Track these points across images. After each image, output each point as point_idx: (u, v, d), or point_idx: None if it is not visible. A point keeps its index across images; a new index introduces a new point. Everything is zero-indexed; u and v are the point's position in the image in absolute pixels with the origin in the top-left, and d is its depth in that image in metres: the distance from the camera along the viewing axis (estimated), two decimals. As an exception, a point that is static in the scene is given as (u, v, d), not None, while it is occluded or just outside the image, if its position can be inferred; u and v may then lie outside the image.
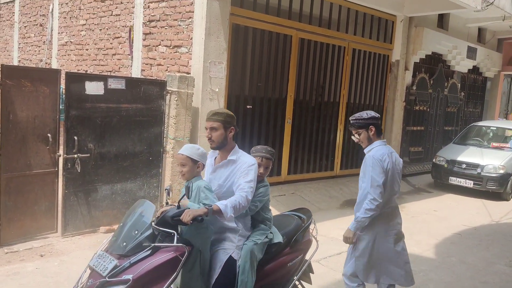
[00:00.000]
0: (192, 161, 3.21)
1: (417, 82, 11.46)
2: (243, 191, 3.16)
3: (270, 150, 3.62)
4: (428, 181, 11.34)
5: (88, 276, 2.83)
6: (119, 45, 8.77)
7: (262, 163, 3.51)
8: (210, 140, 3.33)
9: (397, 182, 3.93)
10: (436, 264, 5.87)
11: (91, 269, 2.85)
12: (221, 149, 3.38)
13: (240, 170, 3.26)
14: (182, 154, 3.23)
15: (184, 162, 3.21)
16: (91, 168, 5.89)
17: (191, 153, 3.21)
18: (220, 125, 3.30)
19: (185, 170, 3.22)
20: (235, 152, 3.38)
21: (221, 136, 3.31)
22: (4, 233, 5.31)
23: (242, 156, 3.36)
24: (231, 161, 3.34)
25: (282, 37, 8.31)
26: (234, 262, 3.23)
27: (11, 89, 5.24)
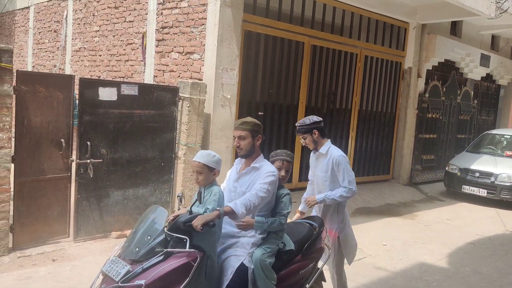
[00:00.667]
0: (208, 168, 3.22)
1: (429, 90, 11.38)
2: (254, 190, 3.21)
3: (289, 154, 3.70)
4: (441, 190, 11.23)
5: (101, 282, 2.83)
6: (132, 51, 8.84)
7: (283, 166, 3.58)
8: (239, 148, 3.42)
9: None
10: (450, 274, 5.79)
11: (103, 275, 2.85)
12: (248, 158, 3.46)
13: (259, 176, 3.33)
14: (199, 162, 3.22)
15: (200, 170, 3.21)
16: (103, 173, 5.91)
17: (208, 161, 3.22)
18: (248, 134, 3.39)
19: (201, 178, 3.23)
20: (259, 160, 3.45)
21: (249, 145, 3.40)
22: (17, 238, 5.34)
23: (265, 164, 3.43)
24: (254, 168, 3.42)
25: (294, 44, 8.32)
26: (245, 269, 3.22)
27: (26, 95, 5.28)
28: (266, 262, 3.30)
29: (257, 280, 3.27)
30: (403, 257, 6.28)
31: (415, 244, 6.93)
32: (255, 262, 3.28)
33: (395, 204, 9.54)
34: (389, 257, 6.22)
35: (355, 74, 9.66)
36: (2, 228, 5.11)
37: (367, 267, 5.79)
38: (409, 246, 6.78)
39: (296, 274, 3.64)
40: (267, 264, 3.30)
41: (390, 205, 9.41)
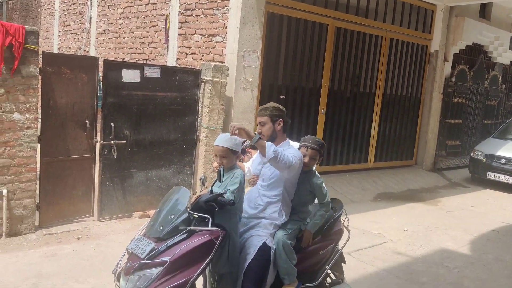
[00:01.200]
0: (232, 152, 3.25)
1: (456, 74, 11.11)
2: (289, 153, 3.25)
3: (317, 141, 3.57)
4: (465, 176, 11.04)
5: (127, 259, 2.90)
6: (155, 33, 8.87)
7: (307, 153, 3.50)
8: (261, 134, 3.43)
9: None
10: (472, 261, 5.72)
11: (129, 253, 2.92)
12: (273, 142, 3.44)
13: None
14: (223, 146, 3.23)
15: (224, 154, 3.23)
16: (127, 154, 6.00)
17: (231, 145, 3.24)
18: (268, 119, 3.43)
19: (225, 162, 3.26)
20: (284, 144, 3.46)
21: (269, 130, 3.43)
22: (43, 216, 5.49)
23: (289, 148, 3.43)
24: None
25: (318, 26, 8.20)
26: (268, 248, 3.27)
27: (52, 76, 5.37)
28: (288, 242, 3.35)
29: (278, 260, 3.32)
30: (424, 242, 6.23)
31: (437, 230, 6.86)
32: (276, 242, 3.33)
33: (418, 190, 9.43)
34: (410, 243, 6.18)
35: (380, 58, 9.50)
36: (28, 207, 5.26)
37: (387, 252, 5.77)
38: (431, 232, 6.72)
39: (316, 255, 3.67)
40: (288, 244, 3.35)
41: (412, 191, 9.31)
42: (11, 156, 5.08)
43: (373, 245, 5.95)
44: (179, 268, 2.82)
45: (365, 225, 6.64)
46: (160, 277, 2.75)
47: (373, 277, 4.97)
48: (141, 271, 2.79)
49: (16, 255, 4.74)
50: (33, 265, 4.53)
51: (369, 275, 5.03)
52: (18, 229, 5.21)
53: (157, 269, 2.77)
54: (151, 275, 2.76)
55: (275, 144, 3.44)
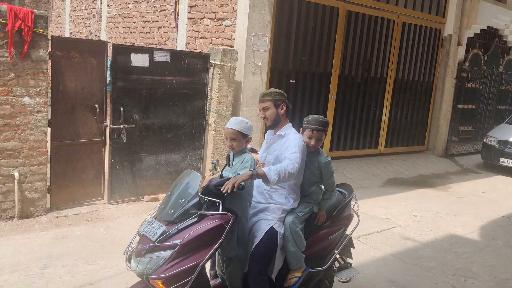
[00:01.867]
0: (242, 135, 3.25)
1: (470, 58, 10.93)
2: (289, 160, 3.21)
3: (321, 121, 3.50)
4: (477, 162, 10.93)
5: (138, 241, 2.94)
6: (165, 17, 8.84)
7: (313, 135, 3.47)
8: (265, 119, 3.49)
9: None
10: (481, 247, 5.70)
11: (140, 235, 2.95)
12: (276, 127, 3.51)
13: (286, 145, 3.35)
14: (233, 128, 3.24)
15: (234, 136, 3.24)
16: (136, 138, 6.04)
17: (242, 128, 3.24)
18: (271, 103, 3.45)
19: (235, 144, 3.26)
20: (286, 128, 3.48)
21: (273, 114, 3.46)
22: (54, 199, 5.57)
23: (290, 133, 3.45)
24: (279, 136, 3.46)
25: (328, 9, 8.11)
26: (275, 232, 3.28)
27: (61, 60, 5.41)
28: (297, 228, 3.35)
29: (286, 245, 3.34)
30: (434, 228, 6.21)
31: (447, 216, 6.83)
32: (286, 227, 3.34)
33: (429, 176, 9.37)
34: (418, 228, 6.16)
35: (392, 42, 9.38)
36: (40, 189, 5.34)
37: (395, 237, 5.76)
38: (440, 218, 6.69)
39: (325, 240, 3.68)
40: (297, 230, 3.35)
41: (423, 176, 9.25)
42: (22, 140, 5.15)
43: (381, 230, 5.95)
44: (189, 251, 2.84)
45: (374, 210, 6.63)
46: (171, 260, 2.77)
47: (380, 262, 4.98)
48: (152, 253, 2.82)
49: (27, 236, 4.83)
50: (44, 246, 4.61)
51: (377, 259, 5.03)
52: (30, 211, 5.30)
53: (168, 251, 2.80)
54: (161, 257, 2.79)
55: (278, 128, 3.47)
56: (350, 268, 4.04)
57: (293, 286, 3.42)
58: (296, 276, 3.43)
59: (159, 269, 2.75)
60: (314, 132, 3.48)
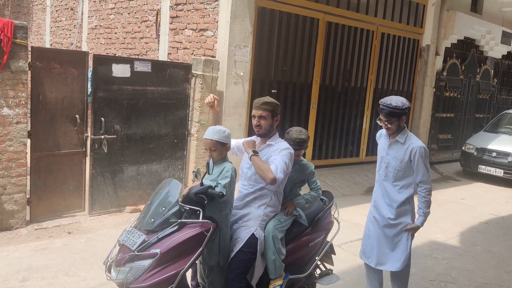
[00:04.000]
0: (221, 144, 3.26)
1: (448, 68, 11.18)
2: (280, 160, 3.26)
3: (303, 132, 3.69)
4: (457, 169, 11.12)
5: (118, 251, 2.93)
6: (147, 28, 8.86)
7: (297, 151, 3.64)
8: (259, 127, 3.44)
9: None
10: (460, 252, 5.79)
11: (120, 244, 2.95)
12: (265, 137, 3.50)
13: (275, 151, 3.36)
14: (211, 139, 3.25)
15: (213, 147, 3.25)
16: (117, 149, 6.02)
17: (220, 137, 3.26)
18: (269, 114, 3.42)
19: (214, 155, 3.27)
20: (274, 138, 3.50)
21: (268, 125, 3.44)
22: (34, 210, 5.50)
23: (279, 142, 3.47)
24: (269, 145, 3.46)
25: (309, 20, 8.22)
26: (255, 240, 3.28)
27: (41, 71, 5.38)
28: (278, 236, 3.37)
29: (266, 252, 3.35)
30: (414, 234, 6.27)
31: (427, 222, 6.73)
32: (267, 234, 3.35)
33: (409, 183, 9.47)
34: (400, 235, 6.22)
35: (371, 52, 9.54)
36: (19, 201, 5.27)
37: (377, 244, 5.81)
38: (421, 225, 6.77)
39: (306, 246, 3.70)
40: (278, 238, 3.36)
41: (404, 184, 9.35)
42: (1, 151, 5.09)
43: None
44: (169, 260, 2.84)
45: (356, 218, 6.68)
46: (151, 269, 2.78)
47: (362, 269, 4.97)
48: (132, 263, 2.82)
49: (6, 249, 4.75)
50: (23, 258, 4.55)
51: (358, 266, 5.06)
52: (9, 223, 5.23)
53: (148, 261, 2.80)
54: (142, 266, 2.79)
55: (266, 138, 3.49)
56: (332, 275, 4.06)
57: (275, 293, 3.43)
58: (277, 285, 3.43)
59: (139, 278, 2.75)
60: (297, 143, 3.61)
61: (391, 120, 3.76)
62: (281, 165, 3.20)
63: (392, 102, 3.74)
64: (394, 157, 3.85)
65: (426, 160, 3.78)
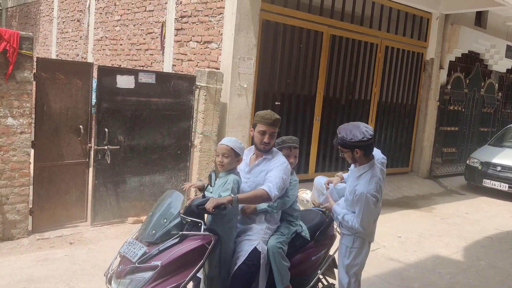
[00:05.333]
0: (235, 153, 3.27)
1: (452, 82, 11.17)
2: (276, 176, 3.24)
3: (295, 139, 3.75)
4: (461, 183, 11.06)
5: (119, 263, 2.92)
6: (152, 40, 8.92)
7: (291, 153, 3.65)
8: (267, 144, 3.39)
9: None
10: (464, 267, 5.73)
11: (121, 256, 2.94)
12: (268, 153, 3.49)
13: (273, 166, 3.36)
14: (227, 145, 3.26)
15: (227, 153, 3.25)
16: (120, 160, 6.02)
17: (235, 146, 3.27)
18: (276, 130, 3.45)
19: (226, 162, 3.26)
20: (272, 151, 3.49)
21: (274, 140, 3.48)
22: (36, 221, 5.50)
23: (276, 155, 3.47)
24: (266, 159, 3.46)
25: (313, 34, 8.26)
26: (258, 253, 3.27)
27: (46, 81, 5.41)
28: (281, 250, 3.35)
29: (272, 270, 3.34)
30: (418, 249, 6.24)
31: (431, 236, 6.87)
32: (269, 248, 3.34)
33: (413, 197, 9.45)
34: (403, 249, 6.19)
35: (375, 65, 9.55)
36: (22, 211, 5.27)
37: (380, 258, 5.77)
38: (424, 239, 6.73)
39: (308, 260, 3.69)
40: (280, 251, 3.35)
41: (407, 198, 9.32)
42: (4, 161, 5.11)
43: (366, 251, 5.94)
44: (170, 272, 2.83)
45: (358, 232, 6.64)
46: (151, 281, 2.77)
47: (364, 283, 4.95)
48: (133, 275, 2.81)
49: (8, 259, 4.74)
50: (24, 269, 4.54)
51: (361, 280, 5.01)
52: (11, 233, 5.22)
53: (149, 273, 2.79)
54: (142, 279, 2.77)
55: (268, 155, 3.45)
56: (333, 289, 4.04)
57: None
58: None
59: None
60: (292, 150, 3.62)
61: (343, 151, 3.45)
62: (276, 181, 3.20)
63: (341, 131, 3.39)
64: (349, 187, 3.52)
65: (367, 207, 3.33)
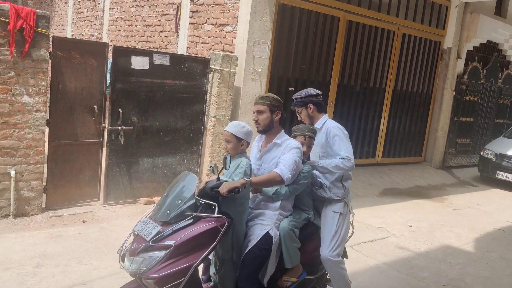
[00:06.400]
0: (237, 138, 3.27)
1: (469, 71, 11.00)
2: (288, 159, 3.22)
3: (311, 129, 3.64)
4: (474, 175, 10.96)
5: (133, 241, 2.94)
6: (167, 22, 8.89)
7: (305, 142, 3.55)
8: (257, 123, 3.42)
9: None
10: (475, 258, 5.70)
11: (135, 234, 2.96)
12: (268, 133, 3.45)
13: (284, 151, 3.32)
14: (228, 131, 3.29)
15: (229, 139, 3.27)
16: (134, 140, 6.05)
17: (236, 131, 3.26)
18: (267, 108, 3.39)
19: (229, 147, 3.29)
20: (281, 136, 3.45)
21: (267, 119, 3.39)
22: (49, 198, 5.57)
23: (287, 139, 3.43)
24: (276, 144, 3.42)
25: (329, 19, 8.16)
26: (270, 238, 3.27)
27: (61, 61, 5.43)
28: (292, 231, 3.36)
29: (282, 246, 3.33)
30: (428, 239, 6.21)
31: (442, 227, 6.84)
32: (281, 229, 3.34)
33: (425, 187, 9.39)
34: (413, 238, 6.17)
35: (392, 52, 9.43)
36: (36, 188, 5.34)
37: (389, 246, 5.76)
38: (435, 229, 6.69)
39: (319, 248, 3.68)
40: (291, 233, 3.35)
41: (419, 187, 9.27)
42: (19, 138, 5.16)
43: (376, 239, 5.95)
44: (183, 252, 2.84)
45: (369, 220, 6.63)
46: (164, 260, 2.78)
47: (374, 270, 4.98)
48: (146, 253, 2.82)
49: (22, 235, 4.82)
50: (38, 245, 4.61)
51: (370, 268, 5.03)
52: (25, 210, 5.30)
53: (162, 252, 2.80)
54: (155, 257, 2.79)
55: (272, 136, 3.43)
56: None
57: (286, 289, 3.42)
58: (291, 280, 3.43)
59: (152, 269, 2.75)
60: (306, 138, 3.55)
61: (298, 111, 3.85)
62: (289, 164, 3.19)
63: (294, 95, 3.84)
64: (316, 144, 3.78)
65: (342, 136, 3.75)
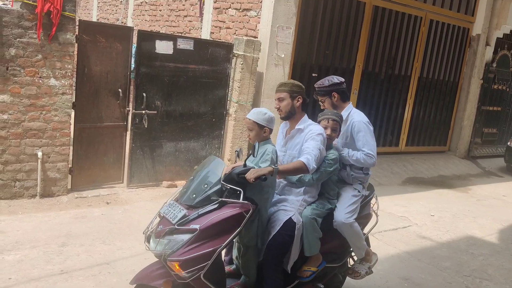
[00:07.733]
0: (259, 126, 3.25)
1: (498, 59, 10.71)
2: (313, 147, 3.21)
3: (337, 113, 3.58)
4: (500, 165, 10.73)
5: (158, 223, 2.98)
6: (191, 7, 8.88)
7: (328, 125, 3.50)
8: (279, 110, 3.43)
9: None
10: (498, 250, 5.61)
11: (160, 217, 3.00)
12: (291, 119, 3.45)
13: (307, 137, 3.31)
14: (249, 118, 3.28)
15: (251, 126, 3.26)
16: (157, 124, 6.11)
17: (257, 118, 3.24)
18: (287, 94, 3.39)
19: (252, 134, 3.29)
20: (304, 121, 3.43)
21: (288, 106, 3.39)
22: (75, 180, 5.69)
23: (310, 125, 3.41)
24: (299, 130, 3.41)
25: (355, 4, 8.03)
26: (293, 224, 3.27)
27: (87, 44, 5.49)
28: (314, 219, 3.35)
29: (303, 233, 3.34)
30: (451, 229, 6.14)
31: (465, 217, 6.74)
32: (303, 216, 3.34)
33: (449, 176, 9.25)
34: (435, 228, 6.10)
35: (418, 39, 9.24)
36: (62, 170, 5.45)
37: (411, 235, 5.72)
38: (458, 219, 6.61)
39: (341, 237, 3.66)
40: (313, 222, 3.35)
41: (443, 177, 9.13)
42: (46, 120, 5.26)
43: (397, 228, 5.91)
44: (208, 237, 2.86)
45: (391, 208, 6.58)
46: (189, 244, 2.81)
47: (395, 259, 4.95)
48: (171, 236, 2.86)
49: (48, 215, 4.95)
50: (63, 225, 4.72)
51: (391, 256, 5.01)
52: (51, 190, 5.43)
53: (187, 235, 2.83)
54: (180, 240, 2.82)
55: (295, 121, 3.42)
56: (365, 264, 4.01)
57: (307, 279, 3.43)
58: (311, 269, 3.44)
59: (177, 252, 2.78)
60: (329, 121, 3.49)
61: (322, 100, 3.85)
62: (314, 152, 3.17)
63: (317, 83, 3.85)
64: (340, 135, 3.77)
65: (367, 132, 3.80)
